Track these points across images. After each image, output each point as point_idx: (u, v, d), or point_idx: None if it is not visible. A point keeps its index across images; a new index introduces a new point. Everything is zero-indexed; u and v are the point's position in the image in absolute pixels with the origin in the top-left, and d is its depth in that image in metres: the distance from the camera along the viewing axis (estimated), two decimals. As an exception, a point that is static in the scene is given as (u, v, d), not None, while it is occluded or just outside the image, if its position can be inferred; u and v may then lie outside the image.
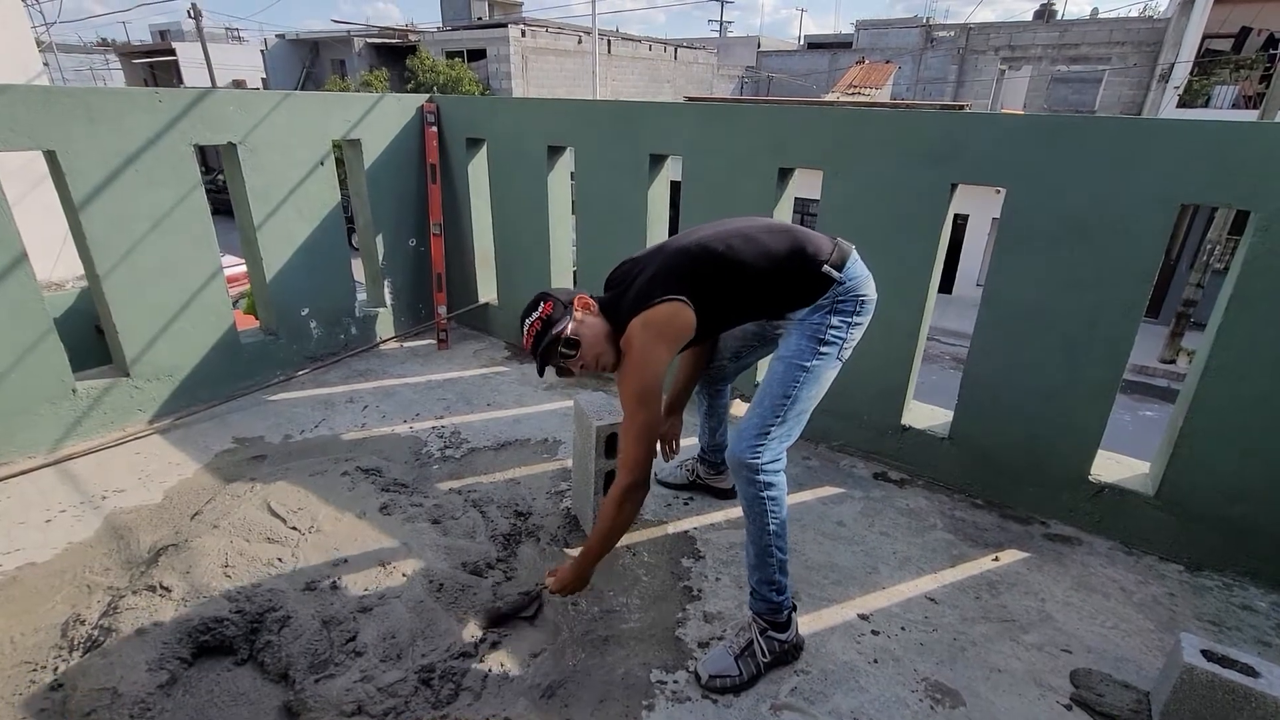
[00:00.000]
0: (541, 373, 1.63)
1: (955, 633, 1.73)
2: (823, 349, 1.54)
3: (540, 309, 1.58)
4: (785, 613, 1.58)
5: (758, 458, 1.49)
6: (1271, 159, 1.67)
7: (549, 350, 1.55)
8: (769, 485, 1.50)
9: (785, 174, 2.48)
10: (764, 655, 1.57)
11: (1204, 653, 1.39)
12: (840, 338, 1.55)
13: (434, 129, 3.38)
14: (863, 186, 2.29)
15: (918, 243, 2.23)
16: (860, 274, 1.59)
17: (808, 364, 1.53)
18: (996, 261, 2.13)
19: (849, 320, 1.56)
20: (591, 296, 1.63)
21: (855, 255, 1.61)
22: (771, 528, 1.52)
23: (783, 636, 1.59)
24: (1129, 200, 1.85)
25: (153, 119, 2.49)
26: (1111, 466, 2.18)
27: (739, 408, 2.65)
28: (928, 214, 2.19)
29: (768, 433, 1.51)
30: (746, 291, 1.56)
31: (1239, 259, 1.79)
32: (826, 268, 1.54)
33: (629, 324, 1.50)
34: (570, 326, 1.55)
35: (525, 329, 1.60)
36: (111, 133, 2.39)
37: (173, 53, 26.40)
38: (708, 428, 2.18)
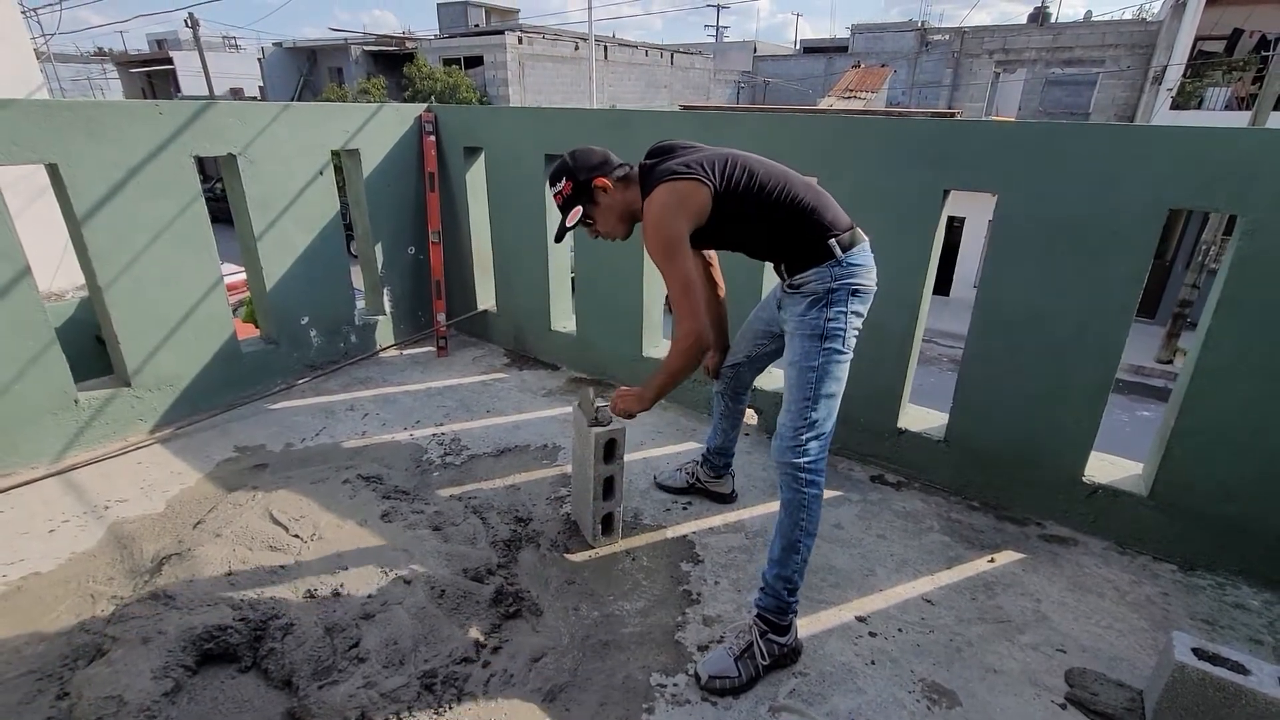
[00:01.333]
0: (556, 240, 1.85)
1: (952, 634, 1.75)
2: (826, 344, 1.58)
3: (563, 184, 1.73)
4: (789, 616, 1.62)
5: (802, 456, 1.57)
6: (1257, 164, 1.70)
7: (561, 228, 1.79)
8: (811, 483, 1.59)
9: (780, 181, 2.51)
10: (763, 658, 1.59)
11: (1195, 651, 1.41)
12: (840, 329, 1.59)
13: (432, 138, 3.41)
14: (856, 193, 2.31)
15: (912, 248, 2.25)
16: (862, 263, 1.63)
17: (815, 363, 1.58)
18: (989, 266, 2.16)
19: (845, 310, 1.59)
20: (620, 165, 1.76)
21: (866, 247, 1.65)
22: (805, 525, 1.60)
23: (782, 640, 1.61)
24: (1118, 205, 1.88)
25: (153, 131, 2.52)
26: (1105, 467, 2.20)
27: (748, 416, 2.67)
28: (921, 219, 2.21)
29: (801, 435, 1.58)
30: (758, 219, 1.63)
31: (1227, 262, 1.81)
32: (833, 241, 1.58)
33: (654, 189, 1.60)
34: (584, 211, 1.73)
35: (552, 191, 1.78)
36: (113, 145, 2.42)
37: (170, 62, 26.50)
38: (720, 429, 2.21)
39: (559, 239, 1.83)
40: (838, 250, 1.59)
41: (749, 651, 1.59)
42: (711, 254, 2.07)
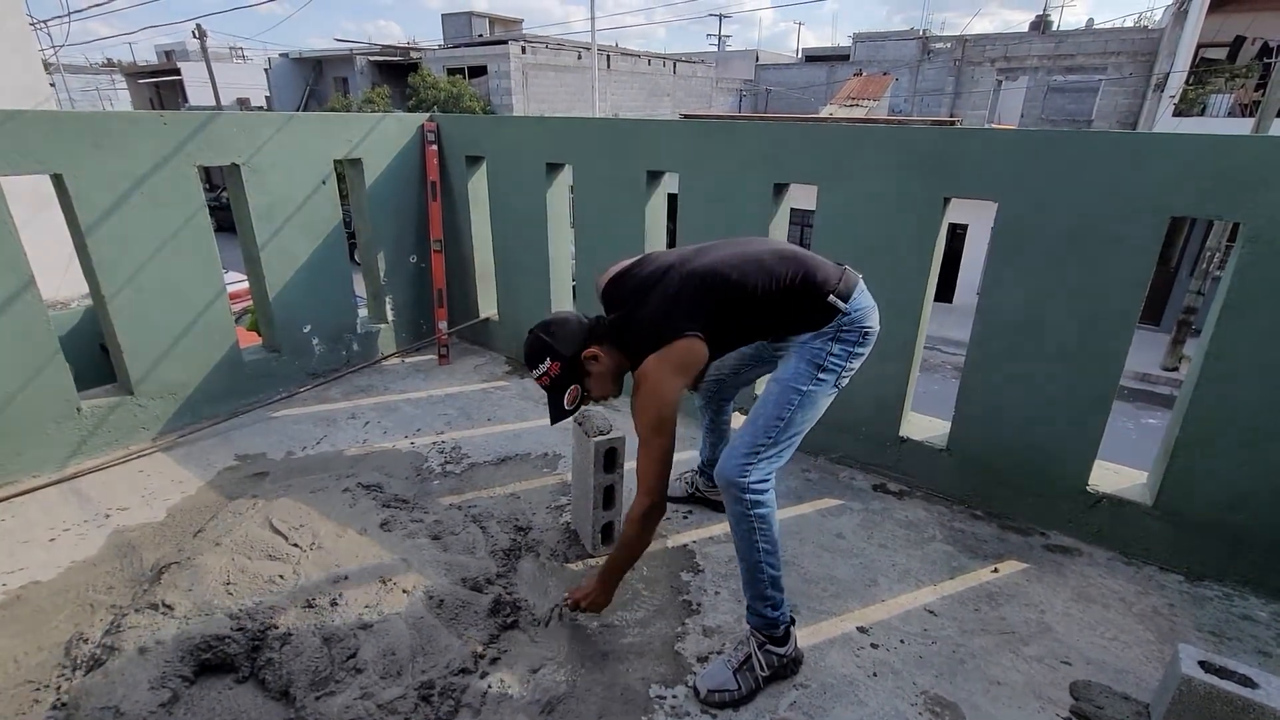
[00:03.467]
0: (555, 422, 1.66)
1: (954, 645, 1.73)
2: (820, 375, 1.55)
3: (547, 366, 1.57)
4: (782, 627, 1.59)
5: (745, 476, 1.50)
6: (1259, 171, 1.69)
7: (561, 414, 1.62)
8: (756, 504, 1.50)
9: (780, 189, 2.51)
10: (762, 670, 1.57)
11: (1202, 664, 1.39)
12: (839, 366, 1.56)
13: (434, 147, 3.42)
14: (857, 201, 2.31)
15: (913, 255, 2.25)
16: (865, 305, 1.60)
17: (804, 388, 1.54)
18: (991, 273, 2.15)
19: (850, 350, 1.57)
20: (595, 325, 1.62)
21: (862, 285, 1.61)
22: (761, 545, 1.52)
23: (781, 650, 1.59)
24: (1120, 213, 1.88)
25: (158, 141, 2.54)
26: (1110, 476, 2.18)
27: (737, 420, 2.67)
28: (922, 227, 2.21)
29: (757, 453, 1.52)
30: (754, 318, 1.58)
31: (1230, 269, 1.80)
32: (832, 298, 1.54)
33: (645, 360, 1.50)
34: (577, 391, 1.60)
35: (533, 374, 1.62)
36: (118, 155, 2.44)
37: (178, 72, 26.76)
38: (709, 442, 2.20)
39: (555, 422, 1.65)
40: (840, 304, 1.54)
41: (748, 664, 1.56)
42: None
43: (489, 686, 1.58)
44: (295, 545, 2.03)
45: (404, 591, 1.84)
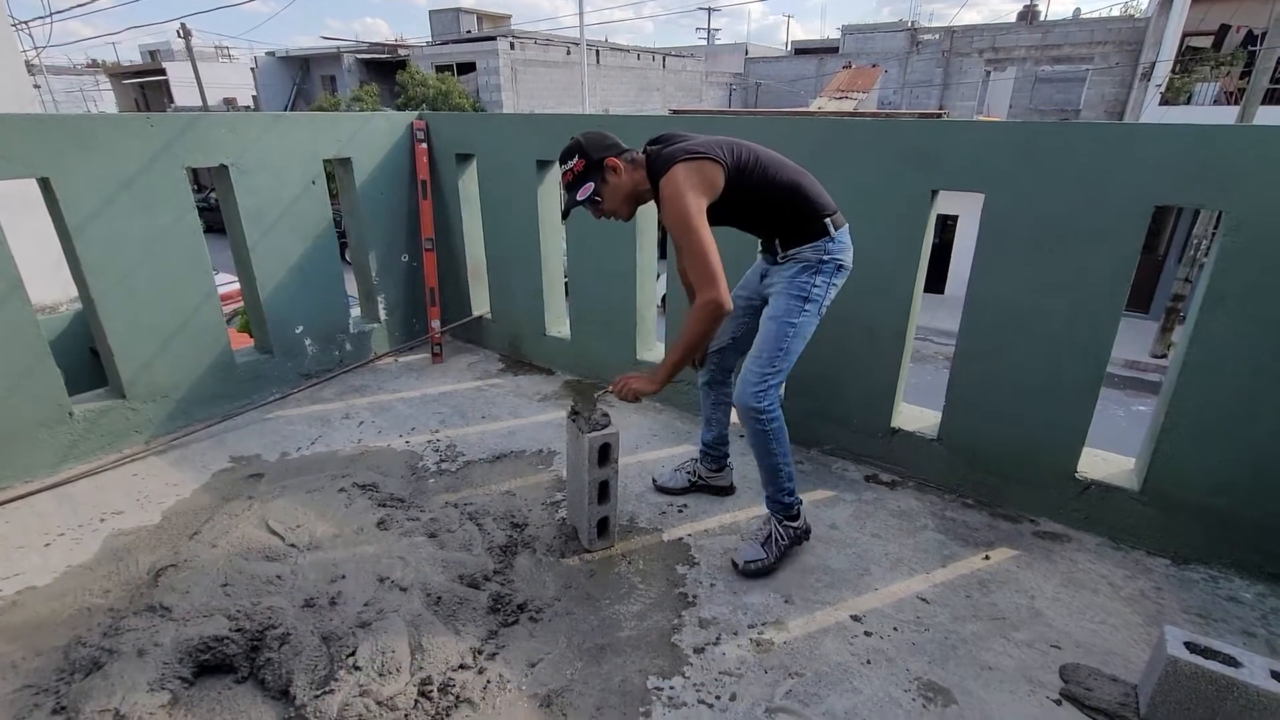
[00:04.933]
0: (563, 217, 1.99)
1: (947, 632, 1.76)
2: (807, 306, 1.82)
3: (573, 162, 1.81)
4: (796, 508, 1.97)
5: (760, 402, 1.81)
6: (1241, 161, 1.72)
7: (572, 203, 1.85)
8: (771, 420, 1.84)
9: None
10: (783, 540, 1.95)
11: (1187, 645, 1.42)
12: (821, 296, 1.84)
13: (424, 145, 3.42)
14: (846, 194, 2.31)
15: (902, 248, 2.27)
16: (847, 243, 1.87)
17: (795, 320, 1.82)
18: (978, 264, 2.18)
19: (829, 281, 1.84)
20: (628, 149, 1.85)
21: (847, 228, 1.88)
22: (776, 450, 1.87)
23: (795, 524, 1.97)
24: (1105, 203, 1.90)
25: (145, 143, 2.52)
26: (1098, 463, 2.21)
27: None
28: (910, 219, 2.23)
29: (766, 381, 1.81)
30: (765, 198, 1.80)
31: (1212, 257, 1.83)
32: (827, 220, 1.81)
33: (670, 167, 1.71)
34: (594, 188, 1.81)
35: (561, 169, 1.86)
36: (105, 158, 2.42)
37: (163, 72, 26.48)
38: (715, 420, 2.26)
39: (566, 215, 1.93)
40: (831, 228, 1.81)
41: (771, 538, 1.95)
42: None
43: (488, 681, 1.59)
44: (292, 546, 2.03)
45: (401, 590, 1.85)
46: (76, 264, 2.46)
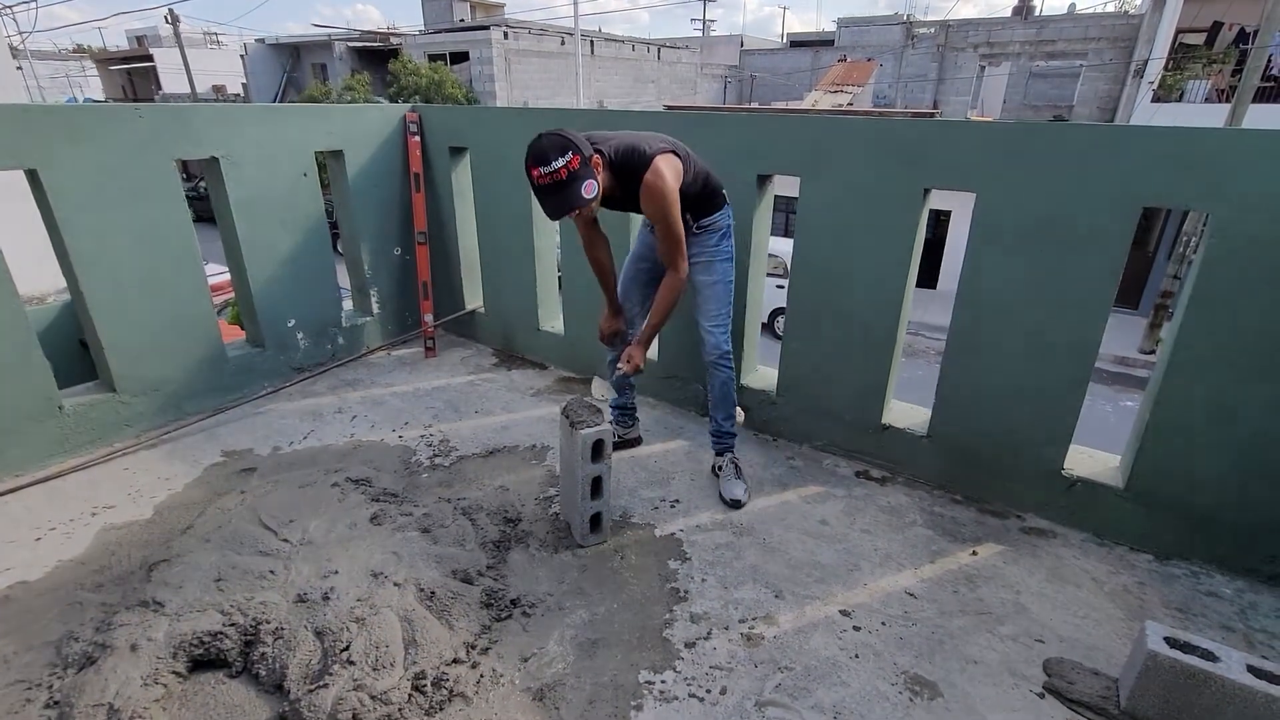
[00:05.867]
0: (557, 217, 1.90)
1: (934, 626, 1.79)
2: (729, 265, 2.26)
3: (568, 159, 1.79)
4: (734, 438, 2.42)
5: (727, 345, 2.26)
6: (1224, 162, 1.74)
7: (574, 202, 1.84)
8: (730, 359, 2.29)
9: (764, 180, 2.53)
10: (740, 468, 2.39)
11: (1167, 639, 1.45)
12: (732, 250, 2.27)
13: (417, 138, 3.40)
14: (839, 192, 2.34)
15: (894, 245, 2.28)
16: (730, 209, 2.28)
17: (730, 278, 2.27)
18: (969, 261, 2.19)
19: (732, 243, 2.27)
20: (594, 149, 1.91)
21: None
22: (730, 383, 2.32)
23: (734, 453, 2.41)
24: (1093, 203, 1.92)
25: (134, 135, 2.50)
26: (1084, 460, 2.24)
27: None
28: (902, 217, 2.24)
29: (726, 329, 2.26)
30: (692, 183, 2.07)
31: (1198, 260, 1.86)
32: (724, 191, 2.24)
33: (652, 162, 1.92)
34: (594, 186, 1.86)
35: (543, 170, 1.80)
36: (93, 150, 2.40)
37: (150, 59, 26.11)
38: (630, 385, 2.60)
39: (557, 217, 1.90)
40: (727, 198, 2.24)
41: (738, 470, 2.37)
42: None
43: (481, 675, 1.61)
44: (285, 540, 2.04)
45: (395, 584, 1.86)
46: (65, 257, 2.44)
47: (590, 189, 1.84)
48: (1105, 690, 1.58)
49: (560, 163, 1.78)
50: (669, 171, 1.94)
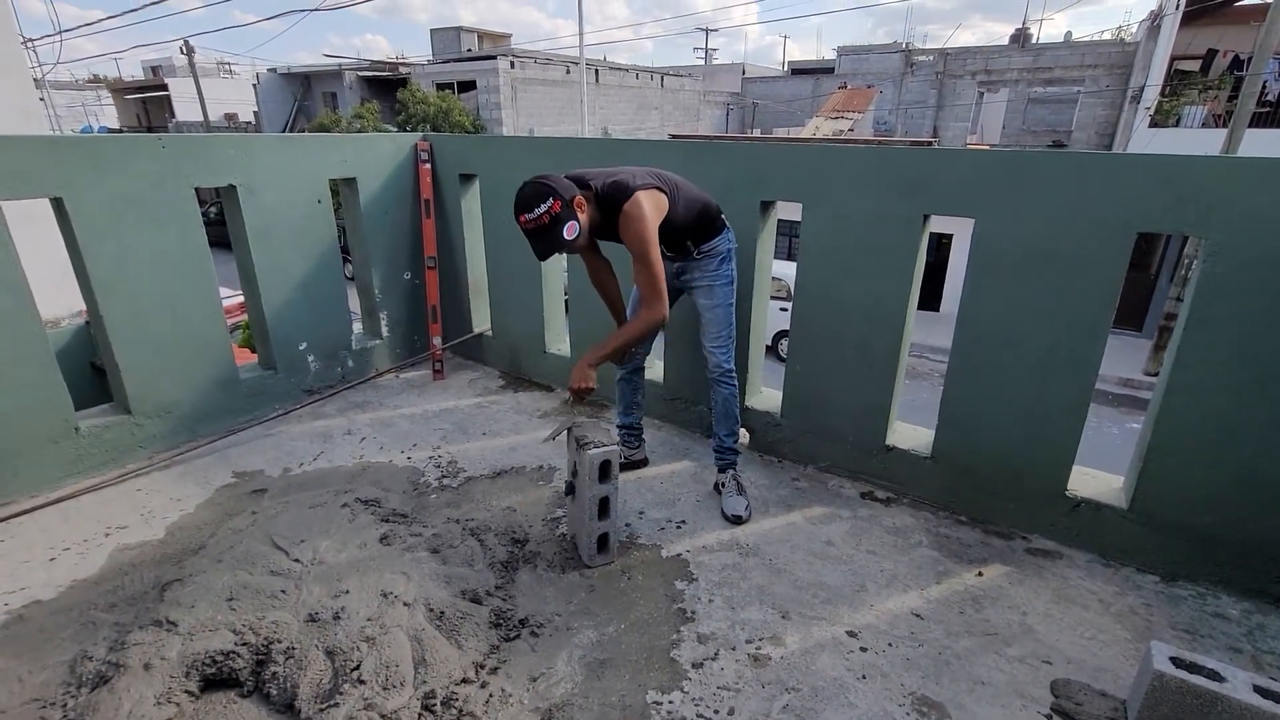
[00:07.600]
0: (544, 258, 2.02)
1: (940, 647, 1.79)
2: (729, 288, 2.31)
3: (549, 204, 1.91)
4: (739, 454, 2.48)
5: (730, 364, 2.36)
6: (1217, 189, 1.79)
7: (557, 245, 1.96)
8: (733, 376, 2.38)
9: (767, 206, 2.59)
10: (742, 484, 2.45)
11: (1173, 660, 1.46)
12: (733, 275, 2.33)
13: (427, 165, 3.49)
14: (840, 218, 2.39)
15: (895, 271, 2.33)
16: (733, 234, 2.34)
17: (731, 301, 2.33)
18: (969, 286, 2.24)
19: (733, 267, 2.32)
20: (579, 187, 2.01)
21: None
22: (733, 402, 2.40)
23: (738, 469, 2.48)
24: (1089, 229, 1.96)
25: (156, 164, 2.58)
26: (1088, 481, 2.26)
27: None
28: (902, 243, 2.29)
29: (729, 351, 2.34)
30: (685, 213, 2.15)
31: (1193, 283, 1.89)
32: (723, 216, 2.29)
33: (633, 195, 1.98)
34: (575, 227, 1.95)
35: (528, 216, 1.93)
36: (117, 178, 2.48)
37: (165, 88, 26.72)
38: (636, 405, 2.64)
39: (545, 257, 2.01)
40: (727, 223, 2.30)
41: (740, 486, 2.42)
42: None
43: (490, 696, 1.62)
44: (296, 560, 2.06)
45: (405, 604, 1.87)
46: (86, 281, 2.50)
47: (572, 230, 1.94)
48: (1113, 711, 1.58)
49: (542, 209, 1.91)
50: (649, 204, 2.00)
